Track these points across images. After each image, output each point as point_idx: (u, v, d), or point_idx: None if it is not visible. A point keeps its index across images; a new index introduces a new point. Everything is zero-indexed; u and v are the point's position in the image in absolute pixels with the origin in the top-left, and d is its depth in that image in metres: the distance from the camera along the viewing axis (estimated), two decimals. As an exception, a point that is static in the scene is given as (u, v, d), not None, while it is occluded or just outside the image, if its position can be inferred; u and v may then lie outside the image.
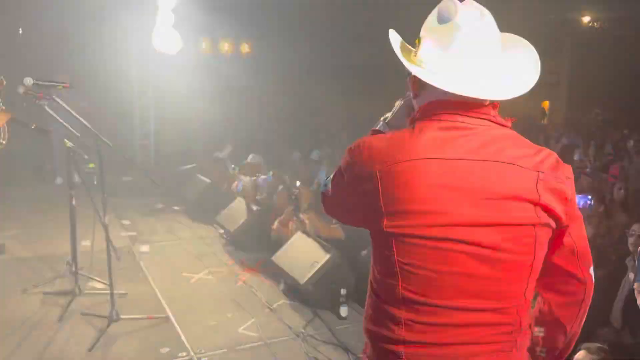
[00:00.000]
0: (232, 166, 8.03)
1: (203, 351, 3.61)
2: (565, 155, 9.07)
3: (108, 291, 4.26)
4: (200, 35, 12.15)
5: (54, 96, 3.62)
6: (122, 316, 3.88)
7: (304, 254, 4.63)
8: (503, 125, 1.39)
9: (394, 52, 1.46)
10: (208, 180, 7.41)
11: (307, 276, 4.35)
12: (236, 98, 11.21)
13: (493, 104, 1.39)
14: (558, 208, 1.34)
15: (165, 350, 3.61)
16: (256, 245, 5.64)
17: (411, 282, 1.34)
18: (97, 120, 3.81)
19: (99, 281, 4.54)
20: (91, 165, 4.20)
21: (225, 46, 14.33)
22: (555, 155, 1.38)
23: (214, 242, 6.04)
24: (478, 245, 1.30)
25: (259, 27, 11.87)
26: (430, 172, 1.29)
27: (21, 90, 3.78)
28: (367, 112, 14.09)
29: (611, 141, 9.94)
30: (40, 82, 3.57)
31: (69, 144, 4.09)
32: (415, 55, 1.40)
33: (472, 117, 1.35)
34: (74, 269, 4.41)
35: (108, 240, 3.88)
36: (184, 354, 3.58)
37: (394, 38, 1.49)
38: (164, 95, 10.30)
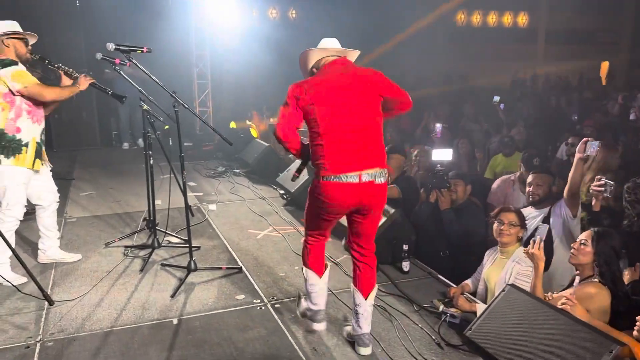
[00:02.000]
0: None
1: (275, 299, 3.85)
2: (621, 114, 8.78)
3: (183, 245, 4.58)
4: (251, 7, 12.32)
5: (133, 60, 3.84)
6: (199, 266, 4.18)
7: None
8: (348, 64, 3.06)
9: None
10: (266, 144, 7.63)
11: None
12: (286, 64, 11.33)
13: (346, 58, 3.09)
14: (383, 83, 2.98)
15: (240, 297, 3.87)
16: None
17: (325, 126, 2.86)
18: (156, 87, 4.01)
19: (174, 236, 4.86)
20: (166, 127, 4.45)
21: (273, 13, 14.46)
22: (374, 70, 3.02)
23: (275, 202, 6.28)
24: (348, 96, 2.89)
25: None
26: (325, 79, 2.96)
27: (99, 56, 4.04)
28: (413, 73, 13.95)
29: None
30: (121, 47, 3.78)
31: (145, 106, 4.33)
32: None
33: (338, 64, 3.03)
34: (151, 224, 4.73)
35: (186, 198, 4.11)
36: (258, 300, 3.82)
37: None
38: (220, 62, 10.55)
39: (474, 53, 17.16)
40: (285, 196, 6.31)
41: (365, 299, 3.10)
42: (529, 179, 4.47)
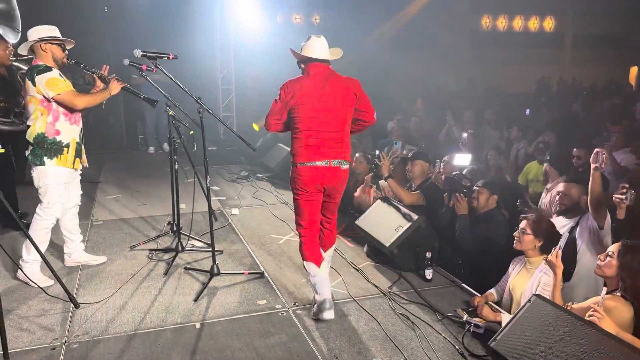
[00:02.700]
0: None
1: (297, 304, 3.85)
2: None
3: (206, 248, 4.62)
4: (275, 13, 12.42)
5: (160, 67, 3.89)
6: (222, 271, 4.19)
7: (387, 219, 4.73)
8: (331, 71, 3.61)
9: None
10: (289, 149, 7.64)
11: (391, 239, 4.44)
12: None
13: (328, 62, 3.63)
14: (359, 95, 3.58)
15: (262, 302, 3.87)
16: (339, 210, 5.79)
17: (306, 125, 3.49)
18: (181, 92, 4.05)
19: (197, 240, 4.90)
20: (191, 132, 4.49)
21: (297, 18, 14.53)
22: (356, 81, 3.62)
23: (297, 207, 6.26)
24: (327, 103, 3.50)
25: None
26: (309, 84, 3.54)
27: (126, 62, 4.10)
28: (438, 79, 13.85)
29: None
30: (148, 54, 3.83)
31: (171, 112, 4.38)
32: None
33: (322, 68, 3.59)
34: (175, 228, 4.78)
35: (210, 202, 4.14)
36: (280, 306, 3.82)
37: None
38: (244, 68, 10.64)
39: (499, 57, 16.98)
40: (307, 201, 6.30)
41: (325, 252, 3.83)
42: (559, 187, 4.40)
